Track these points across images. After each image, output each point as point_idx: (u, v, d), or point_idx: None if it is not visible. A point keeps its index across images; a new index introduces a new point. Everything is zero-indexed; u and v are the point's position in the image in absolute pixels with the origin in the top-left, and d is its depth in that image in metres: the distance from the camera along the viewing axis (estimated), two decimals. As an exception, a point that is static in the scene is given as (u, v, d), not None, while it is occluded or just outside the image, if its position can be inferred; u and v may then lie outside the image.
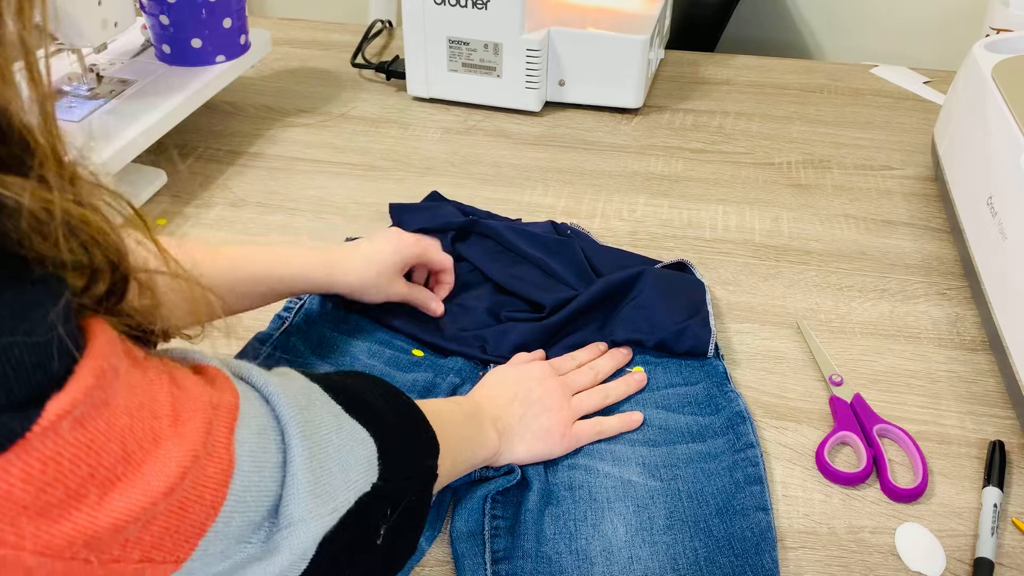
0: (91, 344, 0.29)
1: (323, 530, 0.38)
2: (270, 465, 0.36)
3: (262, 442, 0.36)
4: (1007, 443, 0.63)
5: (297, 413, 0.38)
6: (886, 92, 1.14)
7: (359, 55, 1.18)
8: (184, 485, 0.31)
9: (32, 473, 0.26)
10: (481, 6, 0.99)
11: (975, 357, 0.71)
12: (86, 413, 0.28)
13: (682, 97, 1.12)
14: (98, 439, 0.28)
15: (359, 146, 1.01)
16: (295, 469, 0.37)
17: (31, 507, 0.26)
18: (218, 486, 0.32)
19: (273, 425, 0.37)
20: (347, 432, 0.41)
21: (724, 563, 0.54)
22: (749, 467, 0.59)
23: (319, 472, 0.38)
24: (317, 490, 0.37)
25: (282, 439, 0.37)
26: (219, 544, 0.33)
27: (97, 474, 0.28)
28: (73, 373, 0.28)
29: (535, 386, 0.62)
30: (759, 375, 0.70)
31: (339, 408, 0.42)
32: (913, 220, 0.89)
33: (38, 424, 0.26)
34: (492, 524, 0.56)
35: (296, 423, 0.37)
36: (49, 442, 0.27)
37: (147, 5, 0.93)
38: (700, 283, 0.74)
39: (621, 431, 0.63)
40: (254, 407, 0.37)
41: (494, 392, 0.62)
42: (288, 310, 0.72)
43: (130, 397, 0.30)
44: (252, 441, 0.35)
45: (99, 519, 0.28)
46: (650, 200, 0.92)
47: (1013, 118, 0.72)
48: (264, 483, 0.35)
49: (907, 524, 0.58)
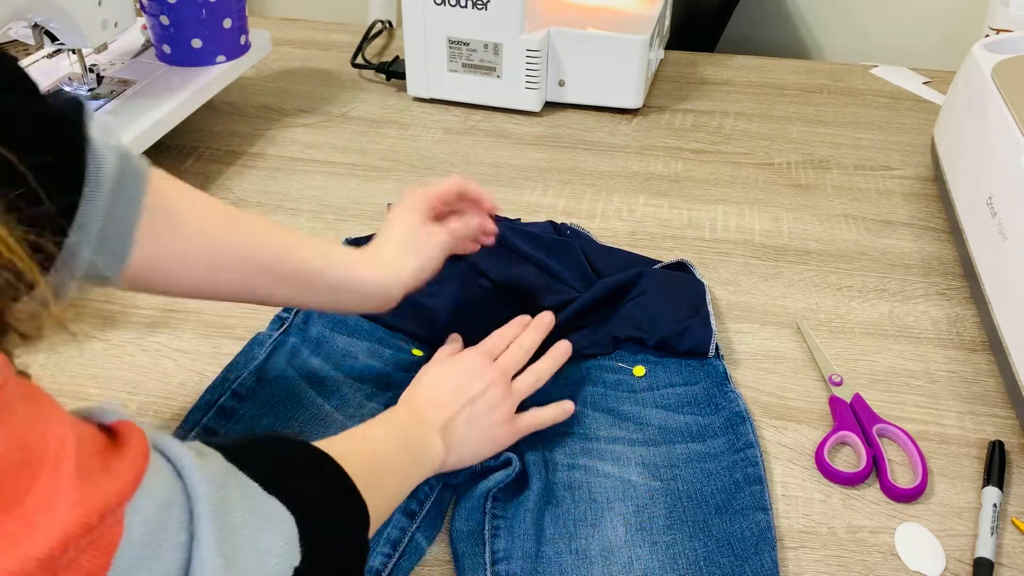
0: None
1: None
2: (169, 544, 0.33)
3: (162, 517, 0.33)
4: (1007, 443, 0.63)
5: (211, 491, 0.35)
6: (886, 92, 1.14)
7: (359, 55, 1.18)
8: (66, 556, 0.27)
9: None
10: (481, 6, 0.99)
11: (975, 357, 0.72)
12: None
13: (682, 97, 1.12)
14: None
15: (359, 146, 1.01)
16: (203, 552, 0.33)
17: None
18: (98, 554, 0.29)
19: (181, 502, 0.34)
20: (264, 513, 0.38)
21: (724, 563, 0.54)
22: (749, 467, 0.59)
23: (231, 556, 0.35)
24: (229, 573, 0.34)
25: (189, 519, 0.34)
26: None
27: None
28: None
29: (475, 380, 0.59)
30: (759, 375, 0.70)
31: (255, 486, 0.39)
32: (913, 220, 0.89)
33: None
34: (492, 524, 0.56)
35: (208, 502, 0.35)
36: None
37: (147, 5, 0.93)
38: (700, 283, 0.74)
39: (556, 421, 0.62)
40: (162, 478, 0.34)
41: (433, 391, 0.59)
42: (288, 310, 0.72)
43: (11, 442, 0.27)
44: (150, 512, 0.32)
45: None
46: (650, 200, 0.92)
47: (1013, 118, 0.73)
48: (161, 562, 0.32)
49: (907, 524, 0.58)
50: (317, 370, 0.67)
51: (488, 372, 0.60)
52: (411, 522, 0.56)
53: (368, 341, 0.70)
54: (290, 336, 0.69)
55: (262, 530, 0.37)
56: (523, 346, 0.64)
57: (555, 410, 0.63)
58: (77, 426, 0.31)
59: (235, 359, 0.67)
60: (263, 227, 0.56)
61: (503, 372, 0.61)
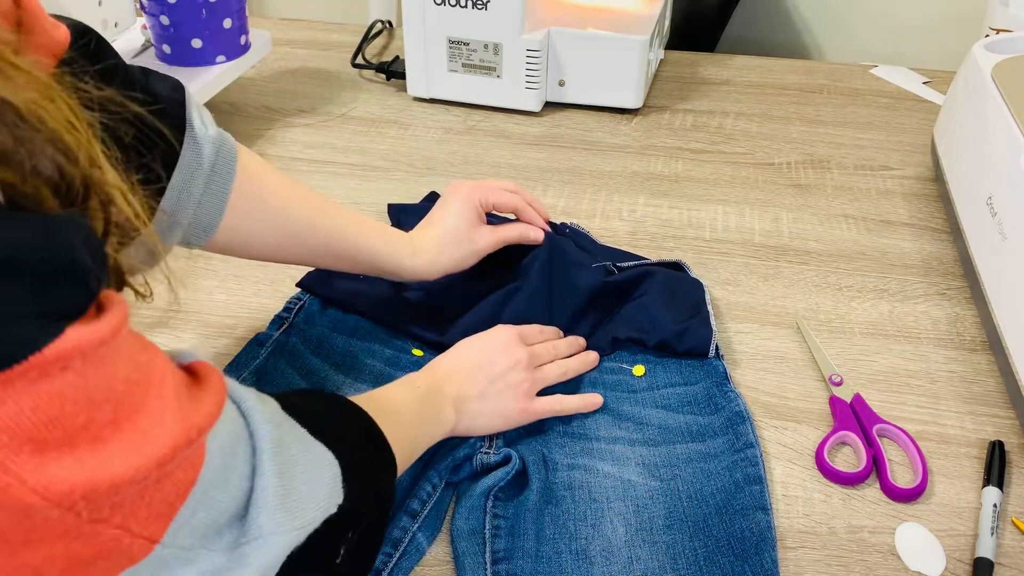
0: (112, 303, 0.30)
1: (291, 545, 0.38)
2: (238, 473, 0.36)
3: (233, 446, 0.36)
4: (1007, 443, 0.63)
5: (271, 430, 0.39)
6: (886, 92, 1.14)
7: (359, 55, 1.18)
8: (173, 463, 0.31)
9: (40, 404, 0.27)
10: (481, 6, 0.99)
11: (975, 357, 0.72)
12: (93, 362, 0.29)
13: (682, 97, 1.12)
14: (97, 394, 0.29)
15: (359, 146, 1.01)
16: (265, 482, 0.37)
17: (34, 440, 0.27)
18: (189, 469, 0.33)
19: (246, 437, 0.38)
20: (314, 454, 0.42)
21: (724, 563, 0.54)
22: (749, 467, 0.59)
23: (288, 488, 0.38)
24: (287, 504, 0.38)
25: (252, 453, 0.38)
26: (187, 536, 0.33)
27: (89, 428, 0.29)
28: (98, 315, 0.29)
29: (500, 357, 0.62)
30: (759, 375, 0.70)
31: (304, 431, 0.42)
32: (913, 220, 0.89)
33: (55, 344, 0.27)
34: (493, 523, 0.56)
35: (268, 439, 0.38)
36: (59, 376, 0.27)
37: (147, 5, 0.93)
38: (699, 283, 0.74)
39: (580, 411, 0.64)
40: (233, 414, 0.38)
41: (457, 364, 0.62)
42: (288, 310, 0.72)
43: (132, 366, 0.31)
44: (225, 441, 0.36)
45: (98, 473, 0.28)
46: (650, 200, 0.92)
47: (1013, 118, 0.72)
48: (230, 487, 0.36)
49: (907, 524, 0.58)
50: (317, 370, 0.67)
51: (515, 351, 0.63)
52: (413, 522, 0.56)
53: (368, 341, 0.70)
54: (290, 336, 0.69)
55: (313, 468, 0.41)
56: (557, 347, 0.67)
57: (581, 400, 0.64)
58: (169, 361, 0.35)
59: (235, 359, 0.67)
60: (322, 203, 0.63)
61: (531, 355, 0.64)
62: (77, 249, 0.29)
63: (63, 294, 0.28)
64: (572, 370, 0.67)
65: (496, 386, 0.61)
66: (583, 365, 0.68)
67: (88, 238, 0.29)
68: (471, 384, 0.60)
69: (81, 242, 0.29)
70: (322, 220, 0.62)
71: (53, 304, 0.28)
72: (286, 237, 0.61)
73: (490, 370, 0.61)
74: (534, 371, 0.63)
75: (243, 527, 0.36)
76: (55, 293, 0.28)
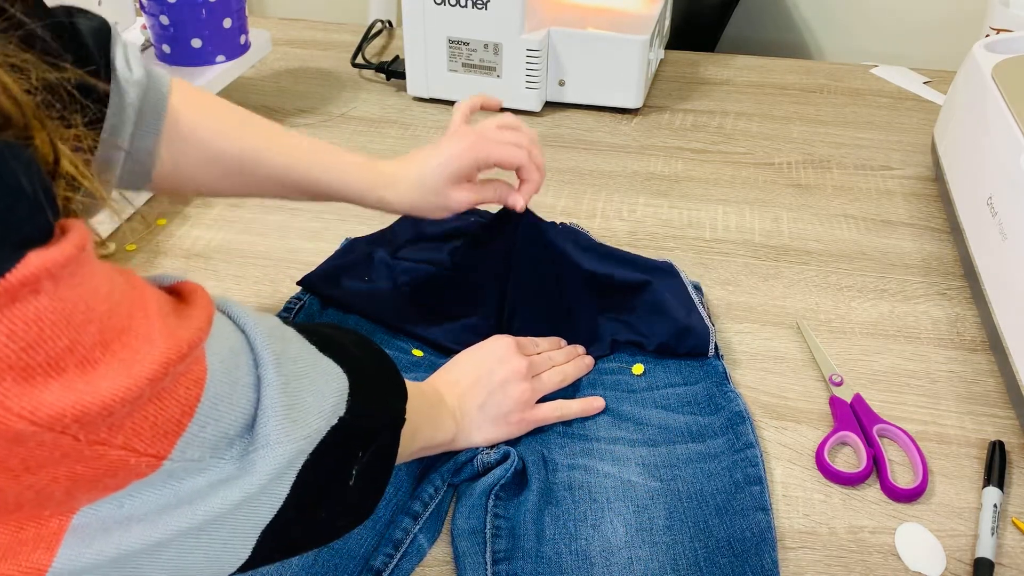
0: (72, 226, 0.30)
1: (299, 454, 0.39)
2: (242, 384, 0.37)
3: (235, 359, 0.37)
4: (1007, 443, 0.63)
5: (271, 343, 0.39)
6: (886, 92, 1.14)
7: (359, 55, 1.18)
8: (166, 379, 0.32)
9: (15, 330, 0.27)
10: (481, 6, 0.99)
11: (975, 357, 0.71)
12: (65, 283, 0.29)
13: (682, 97, 1.12)
14: (76, 315, 0.29)
15: (359, 146, 1.01)
16: (269, 392, 0.37)
17: (15, 367, 0.27)
18: (192, 385, 0.33)
19: (246, 349, 0.38)
20: (319, 366, 0.42)
21: (724, 563, 0.54)
22: (749, 467, 0.59)
23: (293, 397, 0.39)
24: (292, 414, 0.38)
25: (254, 364, 0.38)
26: (196, 449, 0.34)
27: (76, 350, 0.29)
28: (55, 238, 0.29)
29: (498, 367, 0.62)
30: (759, 375, 0.70)
31: (312, 347, 0.43)
32: (913, 220, 0.89)
33: (18, 269, 0.27)
34: (494, 523, 0.56)
35: (269, 351, 0.38)
36: (30, 299, 0.27)
37: (147, 5, 0.93)
38: (682, 284, 0.74)
39: (582, 415, 0.64)
40: (228, 328, 0.38)
41: (456, 376, 0.62)
42: (288, 310, 0.72)
43: (110, 287, 0.31)
44: (225, 355, 0.36)
45: (87, 396, 0.29)
46: (650, 200, 0.92)
47: (1013, 118, 0.72)
48: (236, 399, 0.36)
49: (907, 524, 0.58)
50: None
51: (513, 362, 0.63)
52: (414, 523, 0.56)
53: (368, 341, 0.70)
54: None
55: (320, 379, 0.41)
56: (553, 359, 0.67)
57: (582, 405, 0.64)
58: (148, 282, 0.35)
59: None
60: (272, 136, 0.62)
61: (530, 365, 0.64)
62: (27, 176, 0.28)
63: (19, 220, 0.28)
64: (570, 376, 0.67)
65: (495, 397, 0.61)
66: (580, 370, 0.68)
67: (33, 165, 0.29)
68: (470, 396, 0.60)
69: (28, 170, 0.29)
70: (270, 153, 0.61)
71: (10, 231, 0.28)
72: (232, 173, 0.61)
73: (488, 381, 0.61)
74: (533, 380, 0.63)
75: (252, 436, 0.37)
76: (10, 219, 0.28)
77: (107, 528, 0.32)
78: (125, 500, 0.32)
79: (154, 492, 0.33)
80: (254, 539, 0.38)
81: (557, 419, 0.63)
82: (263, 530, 0.38)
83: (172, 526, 0.34)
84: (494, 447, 0.61)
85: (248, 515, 0.37)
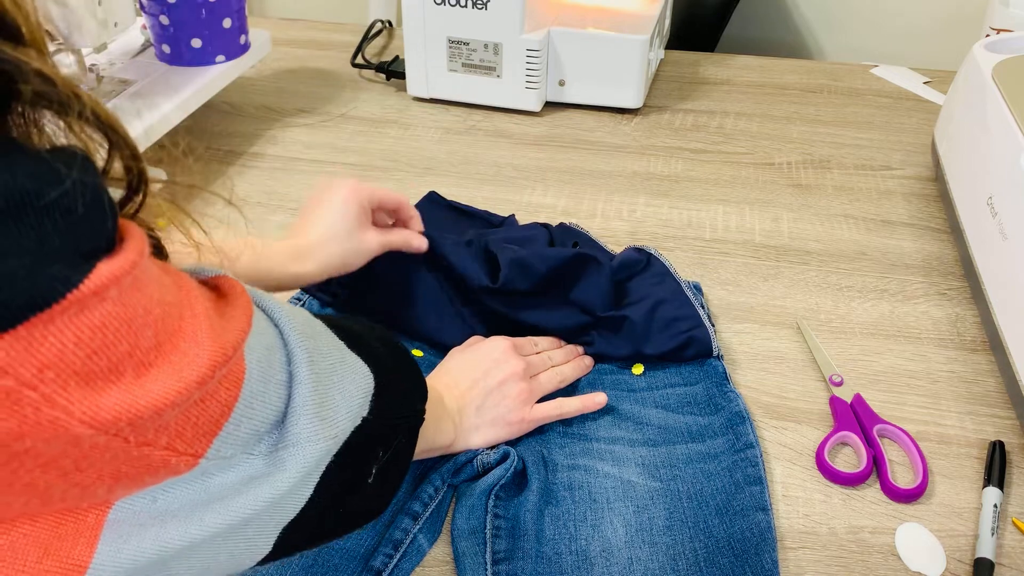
0: (130, 232, 0.31)
1: (326, 454, 0.39)
2: (275, 381, 0.37)
3: (270, 357, 0.37)
4: (1007, 443, 0.63)
5: (304, 340, 0.39)
6: (886, 92, 1.14)
7: (359, 55, 1.18)
8: (213, 381, 0.32)
9: (83, 337, 0.27)
10: (481, 6, 0.99)
11: (975, 357, 0.71)
12: (128, 289, 0.29)
13: (682, 97, 1.12)
14: (136, 320, 0.29)
15: (359, 146, 1.01)
16: (301, 390, 0.38)
17: (80, 373, 0.27)
18: (232, 386, 0.34)
19: (280, 346, 0.38)
20: (349, 364, 0.42)
21: (724, 564, 0.54)
22: (749, 467, 0.59)
23: (324, 396, 0.39)
24: (322, 412, 0.38)
25: (287, 361, 0.38)
26: (229, 447, 0.34)
27: (134, 355, 0.29)
28: (120, 246, 0.30)
29: (495, 369, 0.62)
30: (759, 375, 0.70)
31: (342, 343, 0.43)
32: (913, 220, 0.89)
33: (90, 279, 0.27)
34: (494, 524, 0.56)
35: (302, 348, 0.39)
36: (98, 307, 0.28)
37: (147, 5, 0.93)
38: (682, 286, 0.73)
39: (583, 412, 0.64)
40: (263, 324, 0.38)
41: (454, 378, 0.61)
42: (288, 310, 0.72)
43: (162, 289, 0.31)
44: (261, 352, 0.36)
45: (141, 399, 0.29)
46: (650, 200, 0.92)
47: (1013, 118, 0.72)
48: (269, 396, 0.36)
49: (907, 524, 0.58)
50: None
51: (511, 363, 0.63)
52: (414, 523, 0.56)
53: (368, 341, 0.70)
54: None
55: (348, 378, 0.41)
56: (552, 358, 0.67)
57: (582, 402, 0.64)
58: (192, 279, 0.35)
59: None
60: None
61: (528, 365, 0.63)
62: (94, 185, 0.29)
63: (89, 230, 0.28)
64: (569, 377, 0.66)
65: (493, 398, 0.61)
66: (579, 371, 0.67)
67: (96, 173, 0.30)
68: (468, 399, 0.60)
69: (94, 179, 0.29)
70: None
71: (81, 242, 0.28)
72: None
73: (486, 384, 0.61)
74: (531, 380, 0.63)
75: (281, 433, 0.37)
76: (82, 230, 0.28)
77: (143, 524, 0.33)
78: (159, 495, 0.33)
79: (186, 487, 0.33)
80: (275, 536, 0.38)
81: (556, 417, 0.63)
82: (284, 527, 0.38)
83: (207, 524, 0.34)
84: (494, 447, 0.61)
85: (273, 514, 0.37)
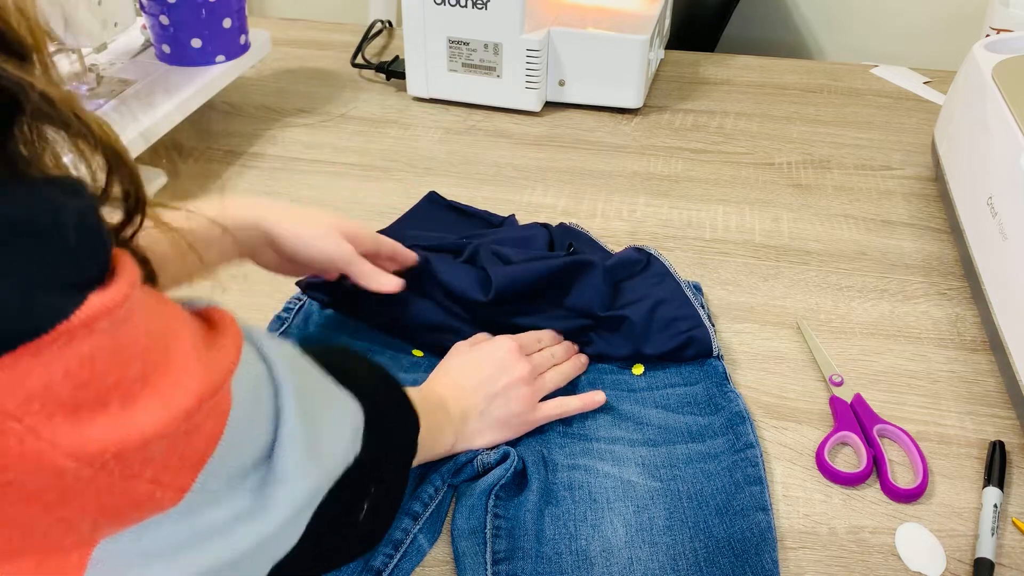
0: (123, 262, 0.30)
1: (315, 494, 0.38)
2: (262, 415, 0.36)
3: (257, 389, 0.36)
4: (1007, 443, 0.63)
5: (291, 375, 0.38)
6: (886, 92, 1.14)
7: (359, 55, 1.18)
8: (200, 413, 0.32)
9: (70, 369, 0.27)
10: (481, 6, 0.99)
11: (975, 357, 0.71)
12: (118, 321, 0.29)
13: (682, 97, 1.12)
14: (125, 351, 0.29)
15: (359, 146, 1.01)
16: (290, 426, 0.37)
17: (66, 405, 0.27)
18: (218, 418, 0.33)
19: (267, 379, 0.38)
20: (338, 403, 0.42)
21: (724, 564, 0.54)
22: (749, 467, 0.59)
23: (314, 434, 0.38)
24: (311, 449, 0.38)
25: (275, 394, 0.38)
26: (215, 481, 0.34)
27: (121, 386, 0.29)
28: (112, 277, 0.29)
29: (501, 374, 0.62)
30: (759, 375, 0.70)
31: (329, 380, 0.42)
32: (913, 220, 0.89)
33: (81, 311, 0.27)
34: (494, 523, 0.56)
35: (291, 383, 0.38)
36: (87, 339, 0.27)
37: (147, 5, 0.93)
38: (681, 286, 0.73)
39: (584, 410, 0.64)
40: (253, 355, 0.38)
41: (458, 379, 0.61)
42: (288, 310, 0.72)
43: (151, 321, 0.31)
44: (249, 384, 0.36)
45: (127, 431, 0.29)
46: (650, 200, 0.92)
47: (1013, 118, 0.72)
48: (256, 430, 0.36)
49: (907, 524, 0.58)
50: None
51: (516, 366, 0.62)
52: (414, 523, 0.56)
53: (368, 342, 0.70)
54: (290, 336, 0.69)
55: (338, 416, 0.41)
56: (555, 354, 0.67)
57: (583, 400, 0.64)
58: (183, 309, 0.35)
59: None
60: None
61: (533, 367, 0.63)
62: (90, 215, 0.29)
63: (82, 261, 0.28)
64: (569, 376, 0.67)
65: (497, 402, 0.61)
66: (577, 369, 0.68)
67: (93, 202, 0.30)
68: (472, 402, 0.60)
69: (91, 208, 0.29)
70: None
71: (73, 273, 0.28)
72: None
73: (491, 388, 0.61)
74: (535, 382, 0.63)
75: (268, 469, 0.36)
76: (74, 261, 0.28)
77: (128, 564, 0.32)
78: (144, 533, 0.32)
79: (172, 525, 0.33)
80: (264, 573, 0.38)
81: (559, 416, 0.63)
82: (275, 565, 0.38)
83: (193, 566, 0.34)
84: (494, 447, 0.61)
85: (264, 553, 0.37)
